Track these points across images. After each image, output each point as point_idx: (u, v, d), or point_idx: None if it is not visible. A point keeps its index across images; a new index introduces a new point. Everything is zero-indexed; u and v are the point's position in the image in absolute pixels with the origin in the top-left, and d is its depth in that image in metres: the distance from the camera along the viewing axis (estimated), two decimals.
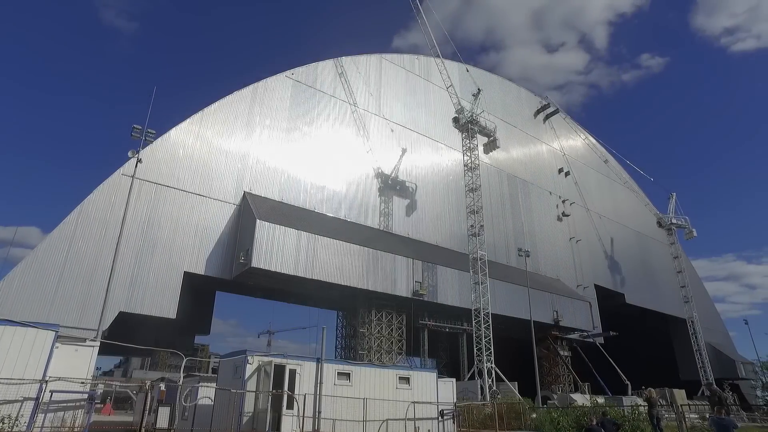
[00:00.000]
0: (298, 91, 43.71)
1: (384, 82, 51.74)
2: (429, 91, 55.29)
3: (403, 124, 51.31)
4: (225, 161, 36.86)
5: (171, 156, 33.95)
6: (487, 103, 54.31)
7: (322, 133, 43.99)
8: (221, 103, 37.69)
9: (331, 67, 47.17)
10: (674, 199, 67.72)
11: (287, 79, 43.10)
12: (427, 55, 54.62)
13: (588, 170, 71.40)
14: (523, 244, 54.61)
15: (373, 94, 50.05)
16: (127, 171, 30.11)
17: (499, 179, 58.21)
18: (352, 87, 48.27)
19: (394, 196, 47.10)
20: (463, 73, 55.61)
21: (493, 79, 63.83)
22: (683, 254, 69.96)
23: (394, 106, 51.46)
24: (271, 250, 32.71)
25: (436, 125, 53.74)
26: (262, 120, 40.33)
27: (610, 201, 72.23)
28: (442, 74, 48.69)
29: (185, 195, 33.78)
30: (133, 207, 28.75)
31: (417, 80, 55.22)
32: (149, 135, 26.17)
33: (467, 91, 52.44)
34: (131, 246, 30.15)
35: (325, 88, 45.90)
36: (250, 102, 39.75)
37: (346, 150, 45.19)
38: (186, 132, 35.20)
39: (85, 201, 29.76)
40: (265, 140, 39.91)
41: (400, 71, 53.80)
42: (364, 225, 43.38)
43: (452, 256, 46.59)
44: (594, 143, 73.09)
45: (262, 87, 40.93)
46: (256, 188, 37.73)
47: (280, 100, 42.21)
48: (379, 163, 47.23)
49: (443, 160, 53.27)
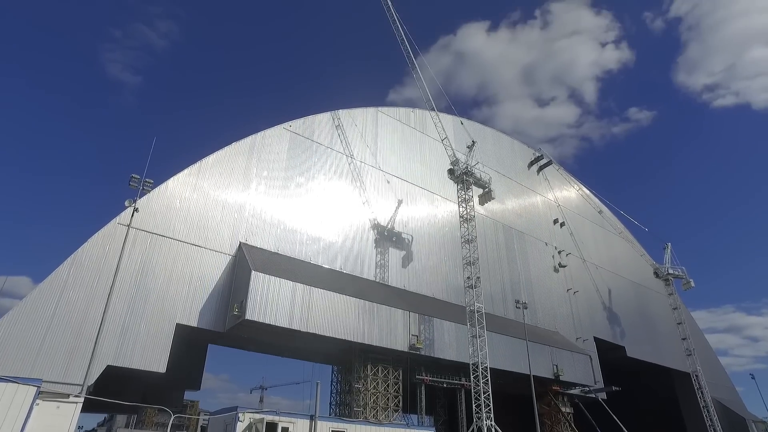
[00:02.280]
0: (296, 143, 44.35)
1: (380, 135, 52.69)
2: (424, 143, 56.29)
3: (399, 176, 51.84)
4: (221, 212, 36.85)
5: (167, 206, 33.94)
6: (481, 155, 55.24)
7: (318, 184, 44.30)
8: (219, 155, 38.11)
9: (328, 120, 48.13)
10: (669, 249, 67.90)
11: (285, 131, 43.85)
12: (422, 108, 56.08)
13: (583, 221, 71.81)
14: (521, 295, 54.08)
15: (369, 146, 50.84)
16: (123, 220, 30.00)
17: (495, 230, 58.32)
18: (349, 139, 49.08)
19: (390, 247, 46.94)
20: (457, 125, 56.86)
21: (486, 132, 65.24)
22: (682, 305, 69.32)
23: (390, 157, 52.19)
24: (266, 301, 32.13)
25: (432, 177, 54.36)
26: (260, 171, 40.67)
27: (606, 252, 72.23)
28: (437, 127, 49.75)
29: (180, 245, 33.52)
30: (127, 256, 28.46)
31: (412, 132, 56.31)
32: (147, 185, 26.31)
33: (462, 143, 53.51)
34: (123, 296, 29.58)
35: (322, 140, 46.62)
36: (247, 154, 40.24)
37: (343, 201, 45.38)
38: (183, 183, 35.37)
39: (79, 250, 29.39)
40: (261, 191, 40.11)
41: (396, 124, 54.95)
42: (360, 277, 42.94)
43: (449, 309, 45.92)
44: (588, 194, 73.94)
45: (260, 139, 41.56)
46: (252, 239, 37.55)
47: (277, 151, 42.74)
48: (375, 214, 47.36)
49: (439, 212, 53.51)
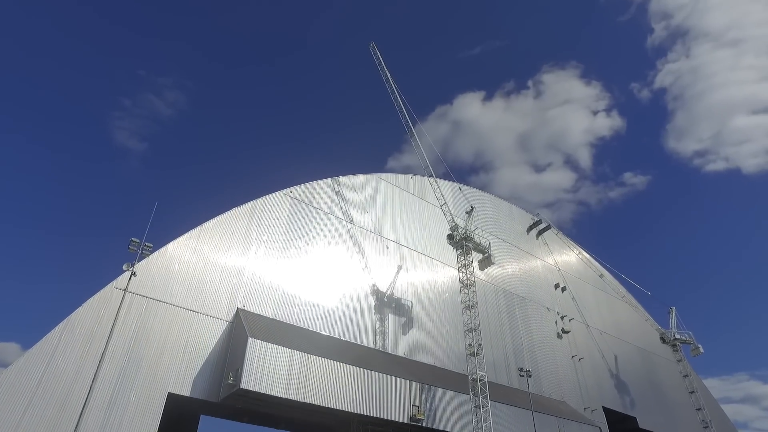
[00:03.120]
0: (296, 209, 44.82)
1: (380, 201, 53.35)
2: (423, 209, 56.89)
3: (399, 242, 51.96)
4: (220, 277, 36.61)
5: (166, 270, 33.74)
6: (480, 221, 55.73)
7: (318, 249, 44.32)
8: (220, 219, 38.41)
9: (328, 186, 48.91)
10: (674, 314, 66.80)
11: (285, 197, 44.45)
12: (420, 174, 57.20)
13: (584, 285, 71.13)
14: (524, 363, 52.57)
15: (369, 211, 51.34)
16: (120, 284, 29.71)
17: (496, 296, 57.62)
18: (349, 205, 49.65)
19: (389, 313, 46.21)
20: (455, 191, 57.79)
21: (485, 197, 66.15)
22: (693, 372, 67.19)
23: (390, 223, 52.54)
24: (262, 370, 31.17)
25: (431, 242, 54.49)
26: (259, 236, 40.83)
27: (609, 316, 70.98)
28: (436, 193, 50.61)
29: (177, 310, 32.97)
30: (121, 322, 27.91)
31: (412, 199, 57.05)
32: (146, 248, 26.33)
33: (461, 209, 54.19)
34: (115, 364, 28.67)
35: (322, 206, 47.14)
36: (248, 218, 40.58)
37: (342, 267, 45.21)
38: (183, 246, 35.39)
39: (72, 315, 28.79)
40: (261, 256, 40.05)
41: (395, 190, 55.80)
42: (360, 344, 41.95)
43: (451, 377, 44.46)
44: (588, 258, 73.75)
45: (260, 204, 42.06)
46: (249, 305, 37.04)
47: (277, 217, 43.11)
48: (374, 280, 47.02)
49: (439, 277, 53.13)
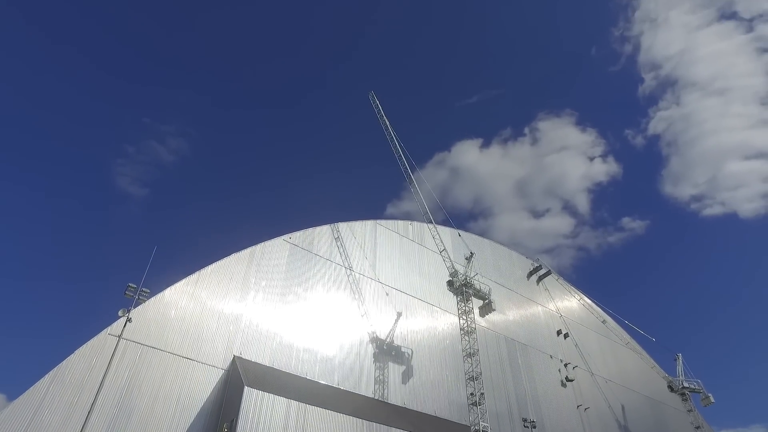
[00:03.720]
0: (295, 255, 44.69)
1: (379, 247, 53.27)
2: (423, 255, 56.71)
3: (398, 288, 51.51)
4: (217, 323, 36.03)
5: (162, 316, 33.20)
6: (480, 266, 55.52)
7: (316, 296, 43.89)
8: (218, 264, 38.22)
9: (327, 232, 48.99)
10: (681, 361, 65.21)
11: (285, 243, 44.42)
12: (420, 221, 57.38)
13: (587, 332, 69.93)
14: (528, 413, 50.97)
15: (368, 258, 51.19)
16: (114, 331, 29.14)
17: (497, 343, 56.53)
18: (348, 251, 49.55)
19: (389, 361, 45.21)
20: (455, 237, 57.84)
21: (484, 243, 66.08)
22: (705, 424, 65.05)
23: (389, 270, 52.26)
24: (258, 420, 30.10)
25: (431, 289, 54.02)
26: (258, 282, 40.50)
27: (614, 364, 69.37)
28: (435, 239, 50.67)
29: (172, 358, 32.20)
30: (114, 370, 27.19)
31: (411, 245, 56.99)
32: (143, 294, 26.03)
33: (460, 255, 54.07)
34: (104, 416, 27.66)
35: (321, 253, 47.04)
36: (247, 264, 40.38)
37: (341, 314, 44.62)
38: (180, 292, 35.01)
39: (63, 363, 27.92)
40: (259, 303, 39.60)
41: (394, 236, 55.83)
42: (358, 393, 40.80)
43: (453, 428, 42.97)
44: (590, 304, 72.89)
45: (259, 250, 41.98)
46: (246, 352, 36.27)
47: (276, 263, 42.93)
48: (373, 327, 46.30)
49: (439, 324, 52.33)
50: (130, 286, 25.52)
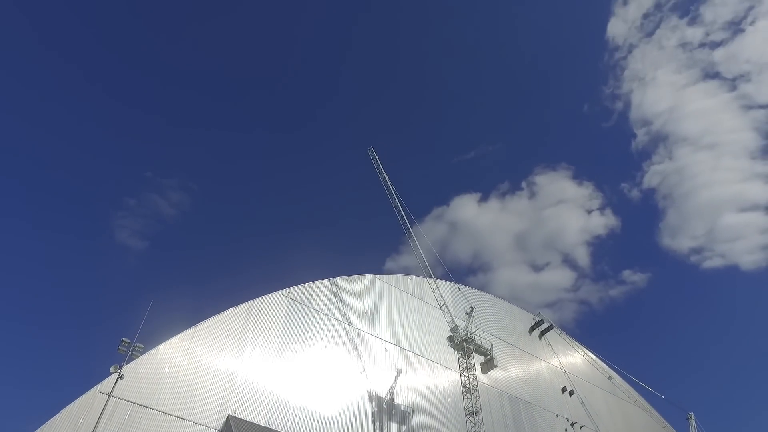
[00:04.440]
0: (293, 310, 44.18)
1: (378, 302, 52.70)
2: (423, 310, 55.98)
3: (398, 344, 50.53)
4: (211, 381, 35.06)
5: (155, 373, 32.31)
6: (481, 321, 54.72)
7: (314, 352, 43.00)
8: (215, 319, 37.65)
9: (326, 287, 48.60)
10: (693, 420, 62.90)
11: (283, 298, 43.98)
12: (419, 275, 57.05)
13: (593, 389, 67.83)
14: None
15: (367, 313, 50.55)
16: (104, 388, 28.25)
17: (500, 401, 54.74)
18: (347, 306, 49.00)
19: (389, 421, 43.67)
20: (455, 292, 57.38)
21: (485, 298, 65.36)
22: None
23: (389, 325, 51.47)
24: None
25: (431, 344, 52.97)
26: (255, 338, 39.79)
27: (622, 422, 66.80)
28: (435, 293, 50.27)
29: (164, 417, 31.07)
30: (102, 431, 26.12)
31: (411, 299, 56.37)
32: (137, 349, 25.53)
33: (461, 310, 53.49)
34: None
35: (320, 307, 46.51)
36: (244, 319, 39.80)
37: (339, 371, 43.55)
38: (175, 348, 34.27)
39: (47, 423, 26.54)
40: (256, 359, 38.73)
41: (393, 291, 55.33)
42: None
43: None
44: (594, 359, 71.14)
45: (257, 304, 41.50)
46: (241, 411, 35.07)
47: (274, 318, 42.36)
48: (373, 385, 45.05)
49: (440, 381, 50.91)
50: (123, 341, 25.08)
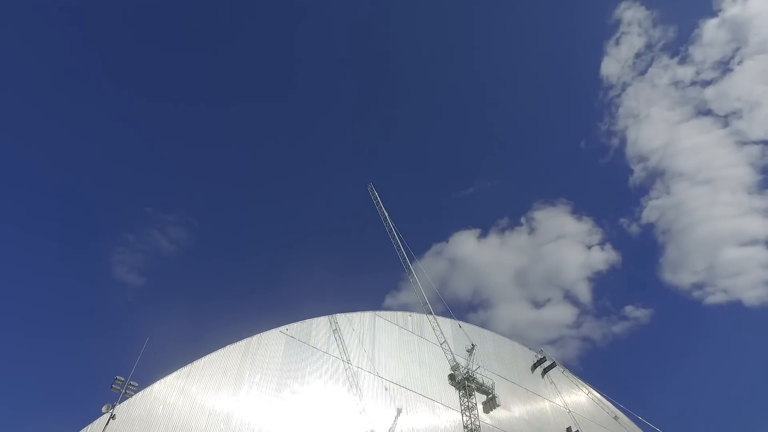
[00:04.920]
0: (292, 347, 43.53)
1: (378, 339, 51.94)
2: (423, 348, 55.07)
3: (398, 382, 49.50)
4: (207, 421, 34.15)
5: (149, 413, 31.42)
6: (482, 359, 53.85)
7: (313, 390, 42.11)
8: (212, 357, 37.02)
9: (325, 324, 48.02)
10: None
11: (281, 335, 43.39)
12: (419, 311, 56.47)
13: (599, 429, 65.82)
14: None
15: (366, 350, 49.76)
16: (95, 429, 27.42)
17: None
18: (346, 343, 48.26)
19: None
20: (455, 329, 56.65)
21: (485, 335, 64.39)
22: None
23: (388, 363, 50.57)
24: None
25: (432, 382, 51.87)
26: (252, 376, 39.04)
27: None
28: (435, 330, 49.68)
29: None
30: None
31: (410, 337, 55.54)
32: (131, 388, 24.99)
33: (461, 347, 52.72)
34: None
35: (318, 345, 45.84)
36: (241, 356, 39.13)
37: (338, 410, 42.54)
38: (170, 386, 33.50)
39: None
40: (253, 398, 37.89)
41: (393, 328, 54.60)
42: None
43: None
44: (599, 398, 69.42)
45: (255, 341, 40.93)
46: None
47: (272, 356, 41.70)
48: (372, 425, 43.85)
49: (441, 422, 49.57)
50: (117, 379, 24.55)
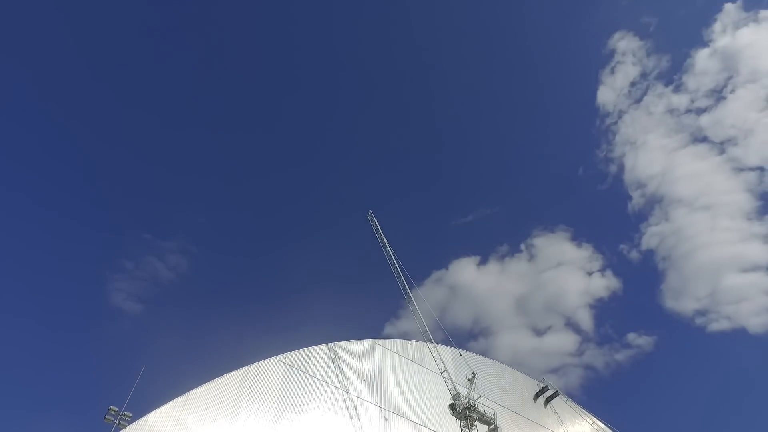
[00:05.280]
0: (290, 376, 43.01)
1: (377, 368, 51.35)
2: (423, 376, 54.36)
3: (398, 412, 48.72)
4: None
5: None
6: (483, 388, 53.09)
7: (311, 420, 41.43)
8: (209, 386, 36.52)
9: (324, 352, 47.56)
10: None
11: (279, 363, 42.93)
12: (419, 340, 55.90)
13: None
14: None
15: (366, 379, 49.15)
16: None
17: None
18: (346, 372, 47.71)
19: None
20: (456, 357, 56.02)
21: (487, 363, 63.56)
22: None
23: (388, 392, 49.85)
24: None
25: (432, 412, 51.01)
26: (249, 406, 38.45)
27: None
28: (435, 359, 49.15)
29: None
30: None
31: (410, 365, 54.88)
32: (125, 419, 24.65)
33: (462, 376, 52.07)
34: None
35: (317, 374, 45.30)
36: (238, 386, 38.63)
37: None
38: (165, 417, 32.91)
39: None
40: (250, 428, 37.29)
41: (393, 356, 54.00)
42: None
43: None
44: (603, 428, 67.90)
45: (253, 370, 40.46)
46: None
47: (270, 385, 41.16)
48: None
49: None
50: (111, 409, 24.21)
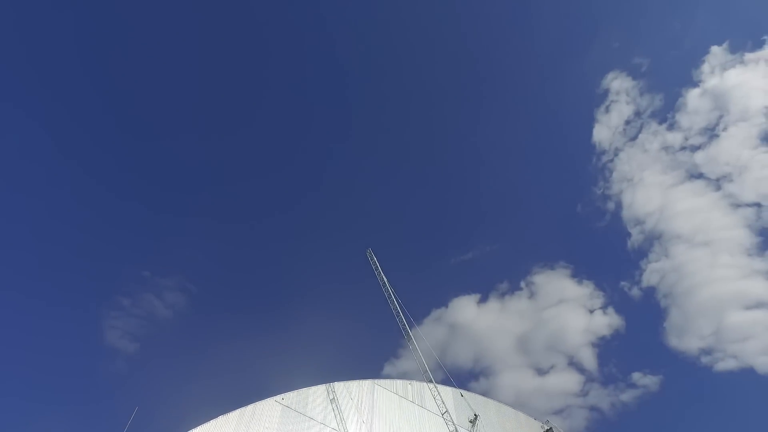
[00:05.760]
0: (287, 418, 42.03)
1: (377, 409, 50.23)
2: (423, 418, 53.06)
3: None
4: None
5: None
6: (485, 430, 51.90)
7: None
8: (204, 428, 35.67)
9: (322, 393, 46.63)
10: None
11: (276, 404, 42.00)
12: (419, 380, 54.86)
13: None
14: None
15: (365, 421, 48.01)
16: None
17: None
18: (344, 413, 46.65)
19: None
20: (457, 397, 54.98)
21: (489, 404, 62.14)
22: None
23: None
24: None
25: None
26: None
27: None
28: (436, 399, 48.22)
29: None
30: None
31: (410, 406, 53.67)
32: None
33: (463, 417, 51.02)
34: None
35: (315, 415, 44.27)
36: (234, 427, 37.67)
37: None
38: None
39: None
40: None
41: (393, 397, 52.90)
42: None
43: None
44: None
45: (249, 412, 39.56)
46: None
47: (266, 426, 40.20)
48: None
49: None
50: None
